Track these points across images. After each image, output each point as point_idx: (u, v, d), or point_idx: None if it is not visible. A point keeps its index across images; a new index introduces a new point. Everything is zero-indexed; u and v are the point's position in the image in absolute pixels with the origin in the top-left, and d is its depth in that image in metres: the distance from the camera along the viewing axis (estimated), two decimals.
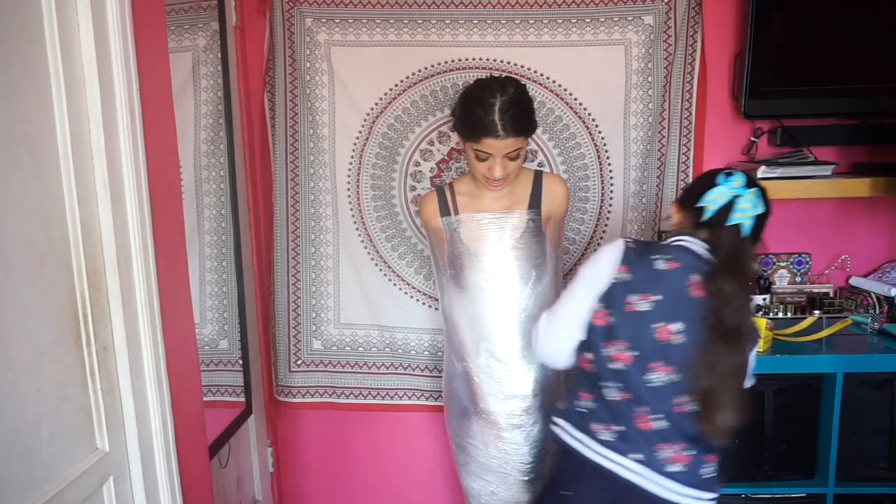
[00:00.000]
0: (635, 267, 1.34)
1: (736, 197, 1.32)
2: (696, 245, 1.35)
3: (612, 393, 1.35)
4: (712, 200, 1.33)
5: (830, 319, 2.06)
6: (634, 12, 2.06)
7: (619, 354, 1.33)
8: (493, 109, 1.51)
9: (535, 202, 1.68)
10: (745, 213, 1.31)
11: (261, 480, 2.33)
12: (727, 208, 1.32)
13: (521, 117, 1.54)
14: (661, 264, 1.33)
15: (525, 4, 2.06)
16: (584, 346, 1.40)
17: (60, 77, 1.08)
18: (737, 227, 1.31)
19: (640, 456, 1.34)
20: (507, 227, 1.66)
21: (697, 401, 1.30)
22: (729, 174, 1.35)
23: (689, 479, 1.36)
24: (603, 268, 1.36)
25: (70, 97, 1.10)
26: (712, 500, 1.39)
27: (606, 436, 1.36)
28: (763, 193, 1.34)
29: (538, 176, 1.72)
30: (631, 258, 1.35)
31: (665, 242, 1.41)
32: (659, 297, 1.31)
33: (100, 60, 1.14)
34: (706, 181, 1.37)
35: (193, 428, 1.49)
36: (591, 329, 1.37)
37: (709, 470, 1.38)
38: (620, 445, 1.35)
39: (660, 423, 1.33)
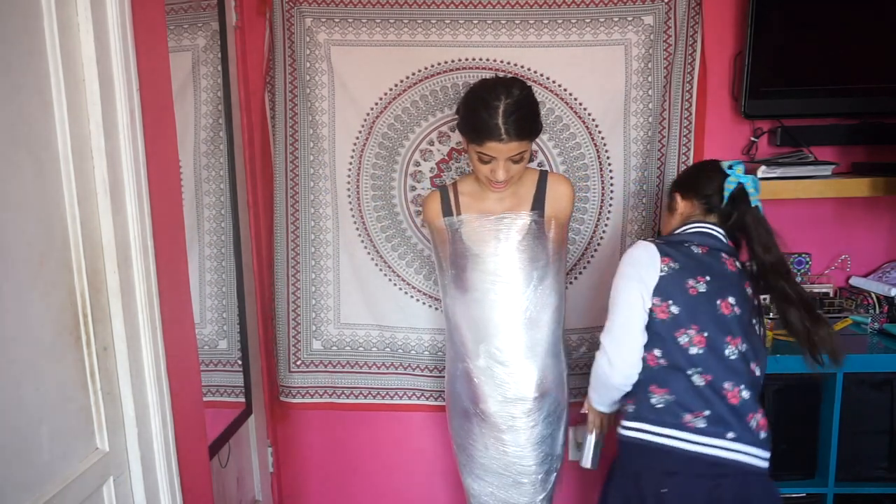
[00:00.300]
0: (676, 256, 1.43)
1: (741, 184, 1.49)
2: (712, 228, 1.50)
3: (697, 379, 1.40)
4: (726, 189, 1.50)
5: (830, 319, 2.06)
6: (634, 12, 2.06)
7: (696, 338, 1.40)
8: (497, 112, 1.49)
9: (538, 203, 1.68)
10: (754, 197, 1.49)
11: (261, 480, 2.33)
12: (739, 194, 1.49)
13: (526, 121, 1.53)
14: (695, 249, 1.46)
15: (525, 4, 2.06)
16: (647, 345, 1.44)
17: (60, 77, 1.08)
18: (757, 208, 1.50)
19: (734, 434, 1.39)
20: (509, 228, 1.65)
21: (808, 348, 1.43)
22: (730, 164, 1.51)
23: (768, 442, 1.45)
24: (646, 267, 1.43)
25: (70, 97, 1.10)
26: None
27: (700, 423, 1.39)
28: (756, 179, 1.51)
29: (542, 176, 1.71)
30: (668, 250, 1.44)
31: (679, 232, 1.53)
32: (708, 278, 1.42)
33: (100, 60, 1.14)
34: (714, 172, 1.53)
35: (193, 428, 1.48)
36: (656, 325, 1.42)
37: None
38: (714, 429, 1.39)
39: (745, 394, 1.41)
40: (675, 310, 1.40)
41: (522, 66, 2.09)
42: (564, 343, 1.80)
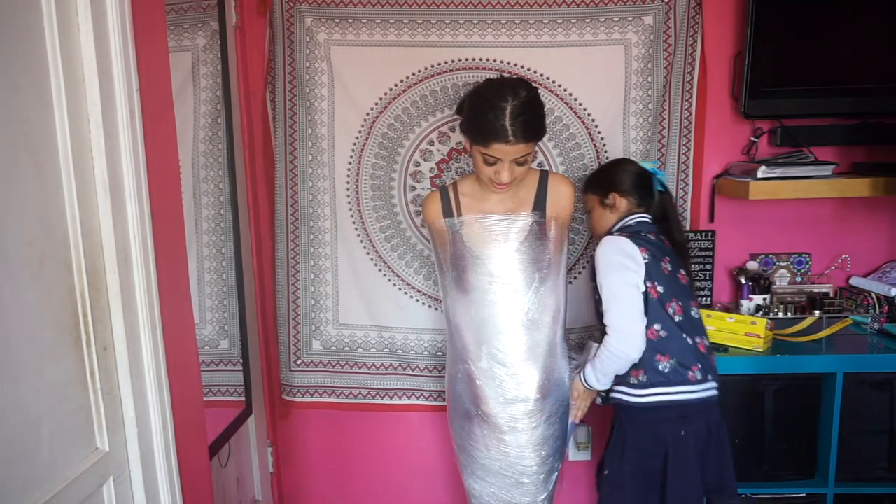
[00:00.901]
0: (646, 245, 1.69)
1: (653, 173, 1.80)
2: (647, 217, 1.78)
3: (688, 341, 1.69)
4: (655, 184, 1.80)
5: (830, 319, 2.06)
6: (634, 12, 2.06)
7: (677, 308, 1.69)
8: (504, 114, 1.48)
9: (539, 204, 1.67)
10: (663, 183, 1.82)
11: (261, 480, 2.33)
12: (662, 187, 1.82)
13: (533, 122, 1.52)
14: (650, 237, 1.73)
15: (525, 4, 2.06)
16: (648, 322, 1.67)
17: (60, 77, 1.08)
18: (668, 191, 1.84)
19: (711, 375, 1.70)
20: (510, 229, 1.65)
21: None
22: (651, 164, 1.82)
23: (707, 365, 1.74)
24: (634, 258, 1.67)
25: (70, 97, 1.10)
26: None
27: (698, 375, 1.67)
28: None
29: (543, 176, 1.70)
30: (640, 242, 1.69)
31: (626, 225, 1.77)
32: (668, 258, 1.72)
33: (100, 60, 1.14)
34: (638, 169, 1.81)
35: (193, 428, 1.48)
36: (653, 303, 1.67)
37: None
38: (704, 376, 1.68)
39: (707, 342, 1.75)
40: (660, 288, 1.67)
41: (522, 67, 2.09)
42: (566, 343, 1.79)
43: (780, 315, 2.13)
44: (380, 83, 2.14)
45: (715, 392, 1.71)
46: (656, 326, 1.67)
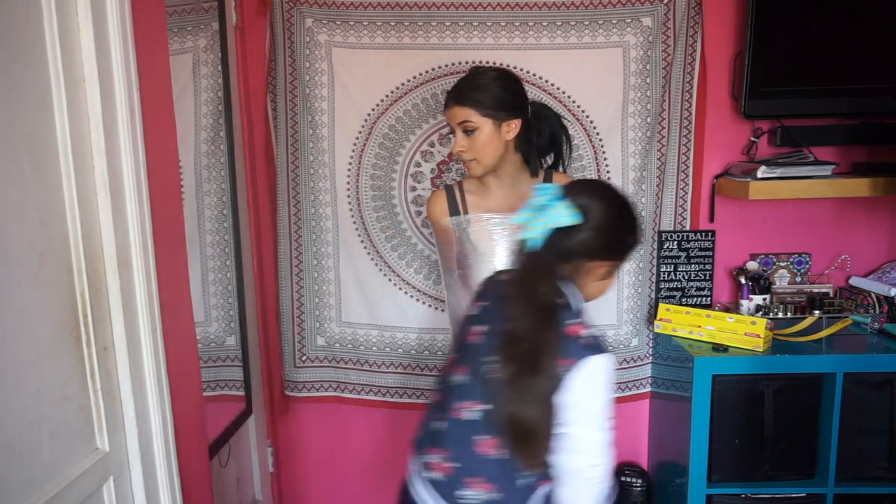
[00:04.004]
0: (486, 280, 1.36)
1: (540, 210, 1.16)
2: None
3: (444, 420, 1.26)
4: (524, 217, 1.19)
5: (830, 319, 2.06)
6: (633, 14, 2.06)
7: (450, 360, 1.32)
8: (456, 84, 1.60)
9: None
10: (537, 227, 1.15)
11: (261, 480, 2.33)
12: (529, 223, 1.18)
13: (472, 89, 1.56)
14: (505, 276, 1.29)
15: (525, 6, 2.06)
16: None
17: (60, 77, 1.08)
18: (522, 242, 1.18)
19: (416, 460, 1.32)
20: (516, 227, 1.65)
21: (501, 426, 1.15)
22: (543, 187, 1.18)
23: (443, 491, 1.23)
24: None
25: (70, 97, 1.10)
26: None
27: (416, 464, 1.34)
28: (584, 203, 1.14)
29: (547, 175, 1.71)
30: (489, 278, 1.36)
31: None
32: (486, 304, 1.28)
33: (100, 60, 1.14)
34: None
35: (193, 428, 1.49)
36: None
37: (468, 494, 1.19)
38: (414, 450, 1.34)
39: (440, 425, 1.26)
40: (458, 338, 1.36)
41: (522, 69, 2.09)
42: None
43: (780, 315, 2.13)
44: (380, 85, 2.14)
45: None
46: None
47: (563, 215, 1.13)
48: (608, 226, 1.17)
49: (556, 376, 1.10)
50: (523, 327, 1.12)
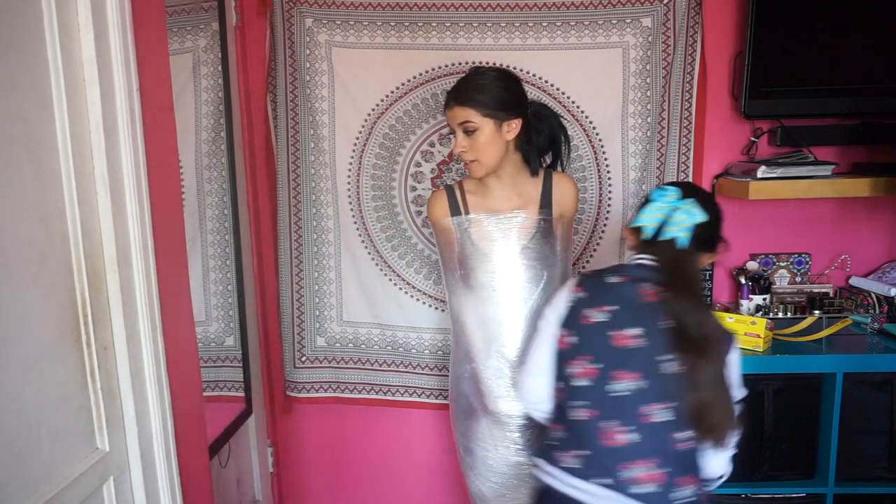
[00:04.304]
0: (588, 284, 1.37)
1: (673, 210, 1.31)
2: (646, 259, 1.35)
3: (580, 412, 1.28)
4: (649, 218, 1.33)
5: (830, 319, 2.06)
6: (633, 15, 2.06)
7: (585, 369, 1.29)
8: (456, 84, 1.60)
9: (545, 202, 1.67)
10: (681, 225, 1.29)
11: (261, 480, 2.33)
12: (665, 223, 1.31)
13: (473, 89, 1.56)
14: (613, 279, 1.35)
15: (525, 7, 2.07)
16: (556, 378, 1.37)
17: (60, 77, 1.08)
18: (672, 241, 1.30)
19: (607, 480, 1.25)
20: (518, 227, 1.65)
21: (691, 416, 1.23)
22: (664, 188, 1.35)
23: (658, 500, 1.24)
24: (560, 300, 1.39)
25: (70, 97, 1.10)
26: None
27: (571, 462, 1.29)
28: (702, 201, 1.31)
29: (548, 175, 1.70)
30: (584, 280, 1.39)
31: (623, 264, 1.45)
32: (615, 308, 1.30)
33: (100, 60, 1.15)
34: (645, 199, 1.39)
35: (193, 428, 1.49)
36: (558, 356, 1.35)
37: (684, 494, 1.24)
38: (585, 471, 1.27)
39: (630, 437, 1.24)
40: (573, 340, 1.33)
41: (521, 70, 2.09)
42: None
43: (780, 315, 2.12)
44: (380, 85, 2.14)
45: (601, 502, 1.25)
46: (560, 384, 1.35)
47: (698, 213, 1.29)
48: (720, 221, 1.36)
49: (723, 357, 1.25)
50: (693, 321, 1.23)
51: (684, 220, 1.29)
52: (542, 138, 1.70)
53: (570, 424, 1.31)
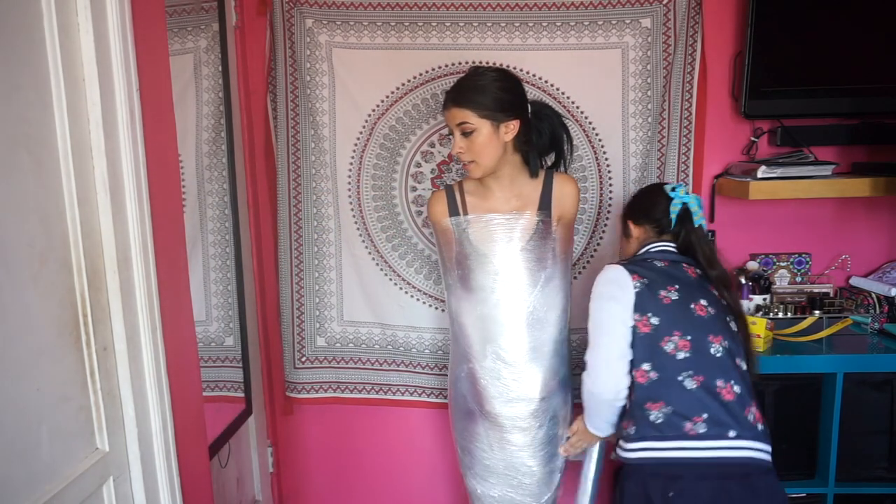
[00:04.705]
0: (643, 272, 1.51)
1: (685, 204, 1.58)
2: (668, 245, 1.59)
3: (689, 383, 1.43)
4: (672, 211, 1.58)
5: (830, 319, 2.06)
6: (632, 15, 2.06)
7: (681, 343, 1.45)
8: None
9: (545, 203, 1.66)
10: (699, 216, 1.57)
11: (261, 480, 2.33)
12: (684, 215, 1.58)
13: (470, 90, 1.56)
14: (658, 264, 1.54)
15: (525, 7, 2.07)
16: (635, 362, 1.48)
17: (60, 77, 1.08)
18: (701, 227, 1.58)
19: (735, 432, 1.41)
20: (516, 228, 1.64)
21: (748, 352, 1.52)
22: (673, 187, 1.60)
23: (767, 434, 1.47)
24: (620, 287, 1.50)
25: (70, 97, 1.10)
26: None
27: (701, 428, 1.41)
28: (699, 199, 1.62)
29: (549, 176, 1.69)
30: (635, 269, 1.52)
31: (640, 254, 1.62)
32: (677, 286, 1.49)
33: (100, 60, 1.14)
34: (658, 196, 1.62)
35: (193, 428, 1.49)
36: (640, 339, 1.47)
37: (752, 413, 1.49)
38: (716, 430, 1.41)
39: (738, 388, 1.44)
40: (655, 321, 1.46)
41: (521, 70, 2.09)
42: (568, 344, 1.79)
43: (780, 315, 2.13)
44: (380, 86, 2.14)
45: (750, 453, 1.41)
46: (645, 367, 1.46)
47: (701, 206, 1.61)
48: None
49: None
50: (727, 285, 1.55)
51: (698, 210, 1.57)
52: (544, 139, 1.69)
53: (677, 396, 1.43)
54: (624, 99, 2.11)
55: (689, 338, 1.44)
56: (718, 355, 1.44)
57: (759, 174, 1.97)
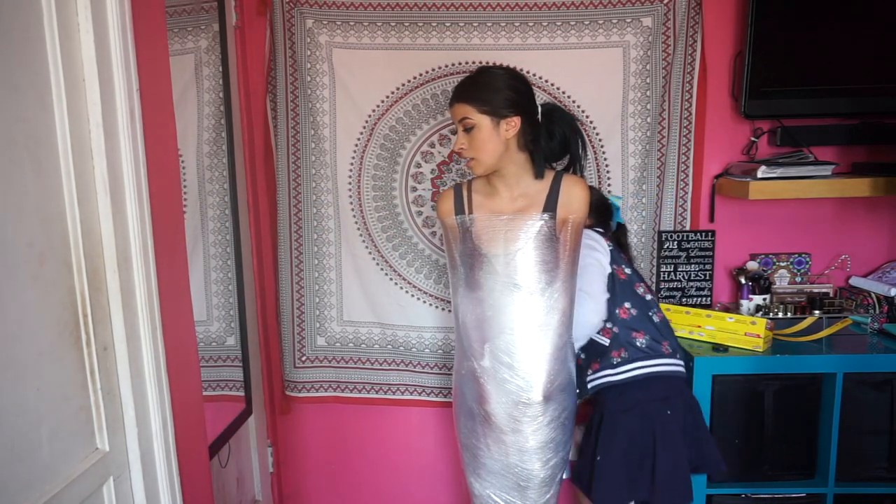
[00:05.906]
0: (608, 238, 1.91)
1: (612, 205, 1.96)
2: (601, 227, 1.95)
3: (655, 317, 1.83)
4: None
5: (830, 319, 2.06)
6: (633, 14, 2.06)
7: (645, 288, 1.86)
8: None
9: (550, 204, 1.63)
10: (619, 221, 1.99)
11: (261, 480, 2.33)
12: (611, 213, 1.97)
13: (472, 86, 1.57)
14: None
15: (525, 6, 2.07)
16: (618, 301, 1.82)
17: (60, 77, 1.08)
18: (624, 225, 2.02)
19: (680, 354, 1.84)
20: (520, 228, 1.63)
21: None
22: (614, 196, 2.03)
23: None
24: (601, 245, 1.84)
25: (70, 97, 1.10)
26: None
27: (668, 349, 1.80)
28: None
29: (557, 177, 1.66)
30: (603, 235, 1.88)
31: (589, 226, 1.91)
32: (618, 259, 1.89)
33: (100, 60, 1.15)
34: (598, 197, 1.93)
35: (193, 428, 1.49)
36: (621, 283, 1.83)
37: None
38: (673, 352, 1.81)
39: (665, 319, 1.89)
40: (628, 271, 1.85)
41: (522, 69, 2.08)
42: (572, 349, 1.78)
43: (780, 315, 2.13)
44: (381, 86, 2.14)
45: (683, 370, 1.83)
46: (626, 305, 1.82)
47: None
48: None
49: None
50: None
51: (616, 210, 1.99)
52: (554, 142, 1.67)
53: (653, 327, 1.82)
54: (624, 98, 2.11)
55: (645, 284, 1.89)
56: (649, 297, 1.87)
57: (759, 174, 1.97)
